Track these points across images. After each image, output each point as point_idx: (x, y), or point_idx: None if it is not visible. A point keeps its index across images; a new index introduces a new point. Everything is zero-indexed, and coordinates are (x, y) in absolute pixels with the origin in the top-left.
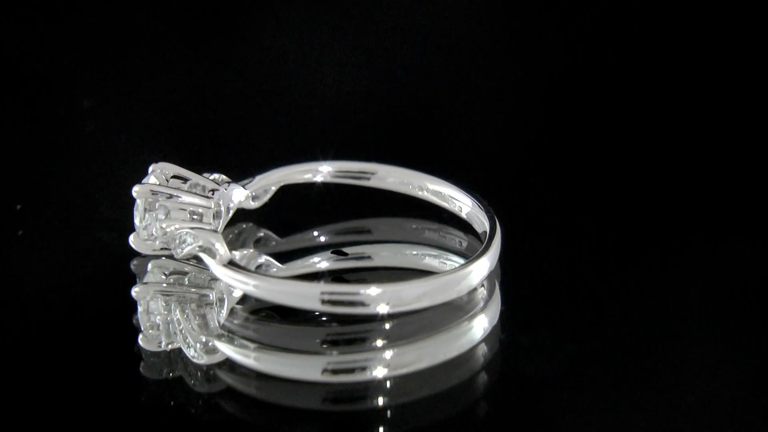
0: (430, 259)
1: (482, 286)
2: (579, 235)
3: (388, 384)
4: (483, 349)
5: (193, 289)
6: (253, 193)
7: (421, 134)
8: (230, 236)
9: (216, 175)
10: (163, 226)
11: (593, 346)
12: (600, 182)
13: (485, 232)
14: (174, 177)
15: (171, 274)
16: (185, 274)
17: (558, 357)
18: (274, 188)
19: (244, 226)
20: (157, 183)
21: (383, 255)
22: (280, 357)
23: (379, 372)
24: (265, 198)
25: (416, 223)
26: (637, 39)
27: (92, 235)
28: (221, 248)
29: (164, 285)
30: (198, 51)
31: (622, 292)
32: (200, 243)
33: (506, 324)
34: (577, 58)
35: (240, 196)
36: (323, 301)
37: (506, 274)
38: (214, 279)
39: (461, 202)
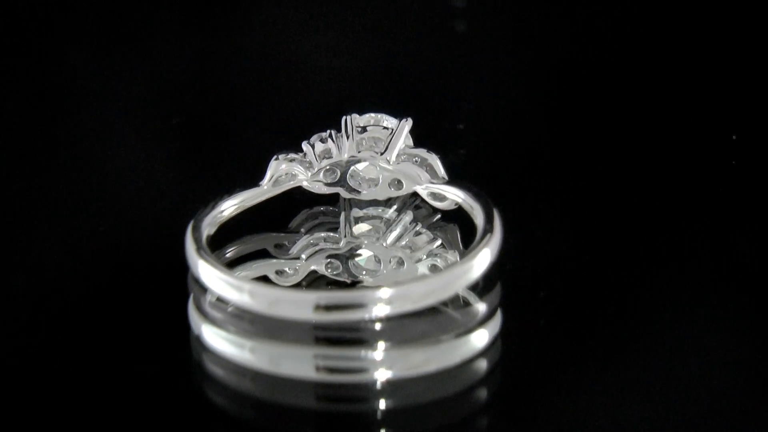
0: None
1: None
2: (581, 231)
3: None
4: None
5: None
6: (429, 191)
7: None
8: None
9: (406, 147)
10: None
11: (598, 350)
12: (600, 175)
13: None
14: (368, 127)
15: None
16: None
17: (561, 364)
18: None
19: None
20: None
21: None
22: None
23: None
24: (442, 203)
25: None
26: (634, 27)
27: None
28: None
29: None
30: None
31: (626, 291)
32: None
33: (510, 332)
34: (576, 48)
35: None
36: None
37: (509, 274)
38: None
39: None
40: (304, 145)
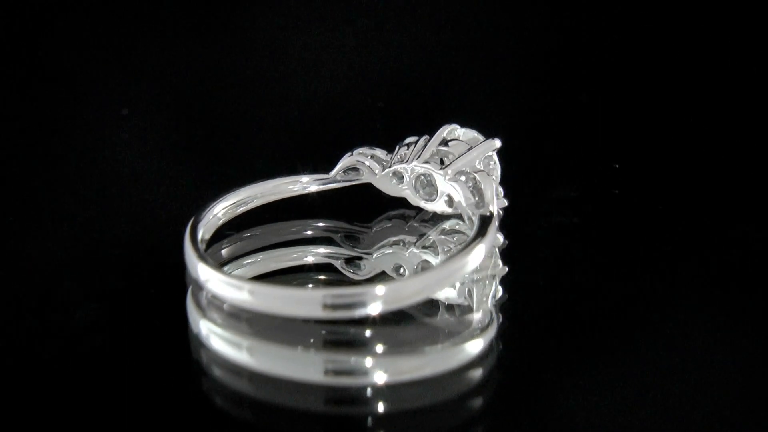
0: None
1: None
2: (581, 234)
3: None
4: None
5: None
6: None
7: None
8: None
9: (475, 167)
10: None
11: (593, 357)
12: (599, 176)
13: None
14: (451, 141)
15: None
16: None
17: (556, 371)
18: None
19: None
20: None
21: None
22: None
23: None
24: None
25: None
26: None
27: None
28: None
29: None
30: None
31: (623, 300)
32: None
33: (508, 337)
34: (574, 46)
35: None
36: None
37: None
38: None
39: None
40: (398, 146)
